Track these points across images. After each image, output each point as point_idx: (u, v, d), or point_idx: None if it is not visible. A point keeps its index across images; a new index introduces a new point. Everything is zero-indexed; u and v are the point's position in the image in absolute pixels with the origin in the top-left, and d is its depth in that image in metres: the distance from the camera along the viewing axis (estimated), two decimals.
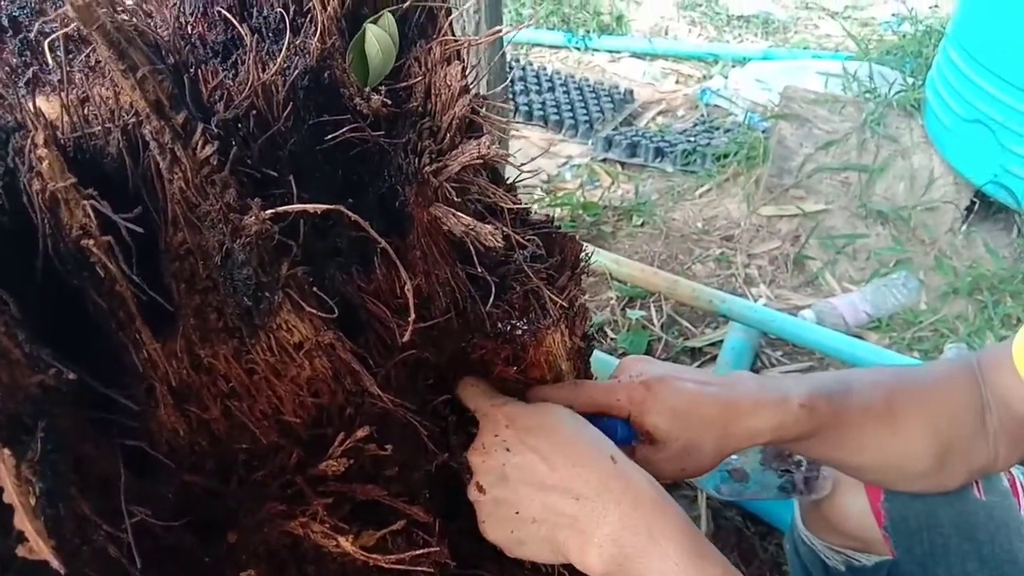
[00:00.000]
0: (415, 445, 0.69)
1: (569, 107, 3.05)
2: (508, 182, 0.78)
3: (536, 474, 0.65)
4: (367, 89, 0.57)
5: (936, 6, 4.17)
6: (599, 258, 1.98)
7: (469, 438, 0.71)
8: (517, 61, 3.51)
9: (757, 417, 0.74)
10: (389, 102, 0.56)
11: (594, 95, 3.17)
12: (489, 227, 0.59)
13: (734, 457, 0.95)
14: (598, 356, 1.54)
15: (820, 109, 2.25)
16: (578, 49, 3.72)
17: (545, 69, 3.44)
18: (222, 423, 0.58)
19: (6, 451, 0.38)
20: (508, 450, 0.66)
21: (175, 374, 0.53)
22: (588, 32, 3.75)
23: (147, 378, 0.51)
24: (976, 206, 2.11)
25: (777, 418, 0.74)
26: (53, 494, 0.42)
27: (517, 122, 2.84)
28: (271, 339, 0.57)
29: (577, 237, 0.83)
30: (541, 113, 3.03)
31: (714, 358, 1.79)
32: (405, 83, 0.61)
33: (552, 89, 3.23)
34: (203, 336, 0.54)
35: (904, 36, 3.47)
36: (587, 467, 0.64)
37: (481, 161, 0.58)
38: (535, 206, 2.38)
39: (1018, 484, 0.93)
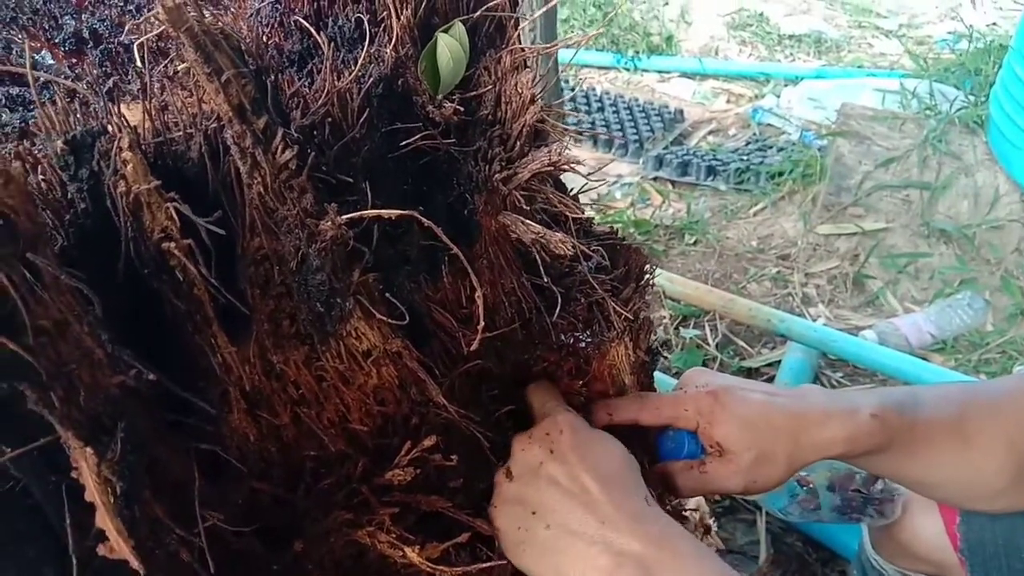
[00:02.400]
0: (479, 458, 0.68)
1: (619, 126, 3.05)
2: (572, 193, 0.77)
3: (570, 484, 0.63)
4: (439, 97, 0.57)
5: (995, 24, 4.08)
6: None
7: None
8: (567, 82, 3.52)
9: (828, 428, 0.72)
10: (462, 109, 0.56)
11: (644, 115, 3.16)
12: (559, 234, 0.59)
13: (803, 473, 0.92)
14: (659, 378, 1.52)
15: (879, 126, 2.20)
16: (627, 70, 3.72)
17: (594, 90, 3.45)
18: (291, 430, 0.58)
19: (88, 450, 0.38)
20: (551, 451, 0.64)
21: (248, 379, 0.53)
22: (637, 53, 3.75)
23: (222, 382, 0.51)
24: None
25: (848, 429, 0.71)
26: (130, 496, 0.42)
27: (574, 132, 2.85)
28: (341, 346, 0.57)
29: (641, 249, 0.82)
30: (590, 134, 3.03)
31: (771, 379, 1.75)
32: (475, 92, 0.61)
33: (602, 109, 3.23)
34: (276, 342, 0.54)
35: (962, 54, 3.39)
36: (623, 498, 0.62)
37: (552, 168, 0.57)
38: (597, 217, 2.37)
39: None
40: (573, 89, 3.40)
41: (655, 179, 2.72)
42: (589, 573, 0.58)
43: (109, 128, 0.45)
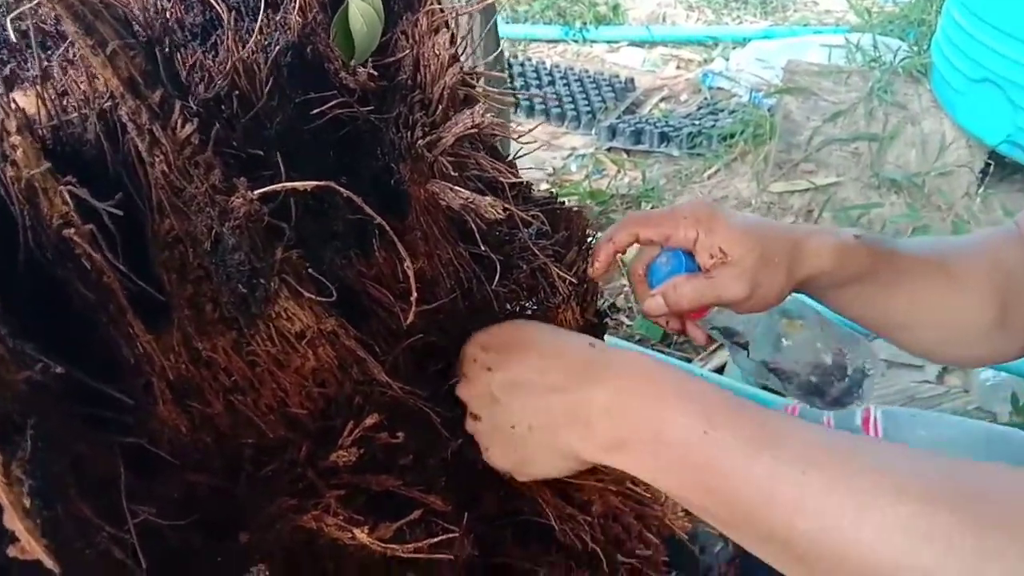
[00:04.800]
0: (428, 433, 0.67)
1: (570, 99, 3.03)
2: (511, 158, 0.76)
3: (520, 383, 0.62)
4: (353, 63, 0.55)
5: None
6: None
7: None
8: (515, 57, 3.49)
9: (820, 237, 0.72)
10: (376, 75, 0.54)
11: (595, 86, 3.14)
12: (488, 199, 0.57)
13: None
14: (614, 343, 1.52)
15: (825, 81, 2.21)
16: (575, 42, 3.69)
17: (544, 63, 3.42)
18: (226, 418, 0.56)
19: None
20: (489, 369, 0.64)
21: (173, 369, 0.51)
22: (585, 24, 3.72)
23: (143, 373, 0.50)
24: (991, 168, 2.07)
25: (837, 241, 0.72)
26: (47, 494, 0.40)
27: (511, 100, 2.82)
28: (271, 329, 0.55)
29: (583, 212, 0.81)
30: (543, 107, 3.01)
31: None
32: (393, 57, 0.59)
33: (552, 83, 3.21)
34: (199, 328, 0.52)
35: (905, 6, 3.43)
36: (565, 359, 0.62)
37: (476, 130, 0.56)
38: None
39: (872, 418, 0.92)
40: (523, 64, 3.37)
41: (609, 150, 2.71)
42: (580, 440, 0.58)
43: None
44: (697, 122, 2.71)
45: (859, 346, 0.89)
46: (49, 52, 0.55)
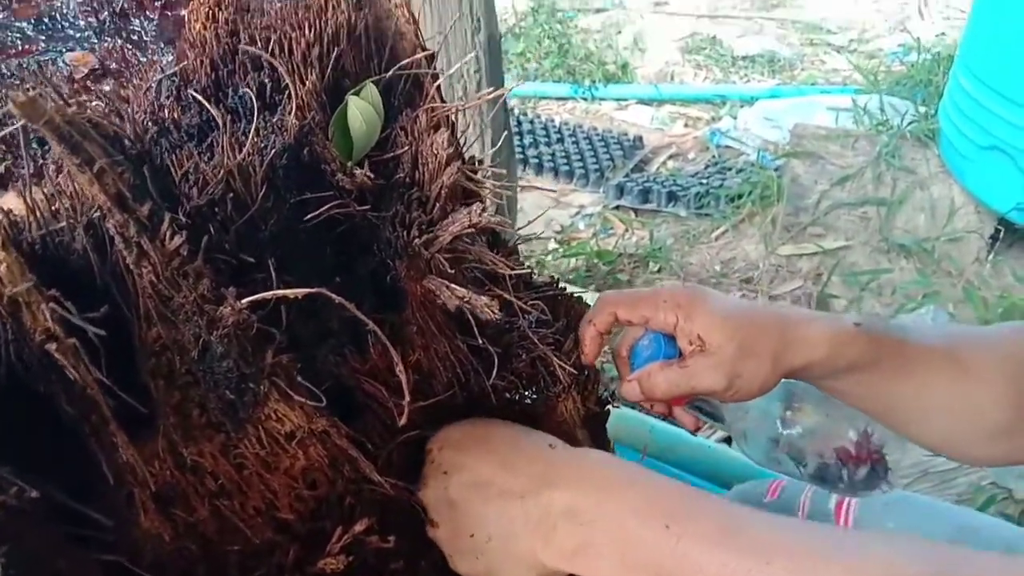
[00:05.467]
0: (420, 533, 0.65)
1: (579, 157, 3.05)
2: (515, 238, 0.75)
3: (476, 487, 0.60)
4: (350, 164, 0.55)
5: (943, 34, 4.16)
6: None
7: None
8: (524, 114, 3.53)
9: (813, 326, 0.68)
10: (372, 176, 0.54)
11: (603, 143, 3.17)
12: (485, 299, 0.56)
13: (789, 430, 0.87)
14: (627, 413, 1.49)
15: (832, 145, 2.22)
16: (584, 99, 3.73)
17: (553, 120, 3.45)
18: (212, 524, 0.54)
19: None
20: (445, 472, 0.62)
21: (158, 476, 0.50)
22: (594, 82, 3.77)
23: (125, 484, 0.48)
24: (1001, 234, 2.06)
25: (833, 329, 0.68)
26: None
27: (521, 179, 2.84)
28: (260, 431, 0.54)
29: (595, 289, 0.79)
30: (551, 164, 3.03)
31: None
32: (391, 154, 0.59)
33: (561, 140, 3.23)
34: (186, 434, 0.51)
35: (912, 66, 3.46)
36: (523, 463, 0.60)
37: (473, 230, 0.55)
38: (549, 257, 2.35)
39: (845, 503, 0.88)
40: (531, 121, 3.41)
41: (617, 208, 2.72)
42: (540, 548, 0.57)
43: None
44: (705, 181, 2.72)
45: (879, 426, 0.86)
46: (45, 148, 0.55)
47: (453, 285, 0.58)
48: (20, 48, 0.64)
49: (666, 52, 4.25)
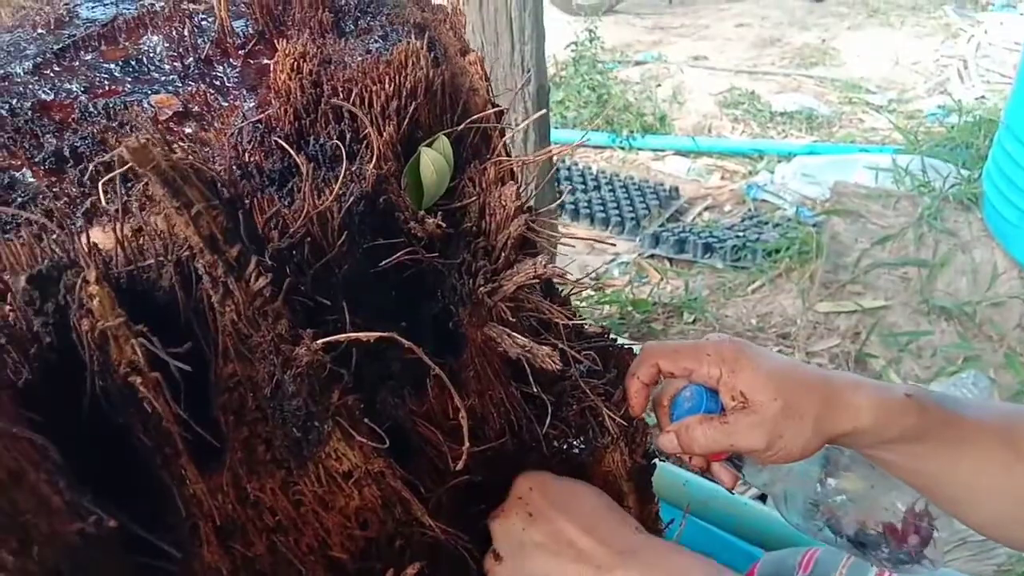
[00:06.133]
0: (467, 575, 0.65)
1: (615, 205, 3.07)
2: (562, 295, 0.76)
3: (555, 541, 0.60)
4: (421, 212, 0.56)
5: (983, 97, 4.16)
6: None
7: None
8: (562, 162, 3.57)
9: (860, 393, 0.66)
10: (444, 225, 0.55)
11: (639, 192, 3.19)
12: (546, 348, 0.57)
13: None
14: (662, 467, 1.48)
15: (873, 204, 2.21)
16: (622, 148, 3.77)
17: (590, 168, 3.49)
18: (267, 560, 0.55)
19: None
20: (530, 515, 0.62)
21: (220, 510, 0.51)
22: (632, 132, 3.81)
23: (191, 516, 0.49)
24: None
25: (881, 397, 0.66)
26: None
27: (564, 235, 2.86)
28: (320, 469, 0.55)
29: (628, 337, 0.80)
30: (588, 211, 3.06)
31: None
32: (460, 203, 0.60)
33: (598, 187, 3.26)
34: (250, 469, 0.52)
35: (952, 128, 3.45)
36: (608, 536, 0.60)
37: (537, 280, 0.56)
38: (583, 304, 2.36)
39: None
40: (569, 169, 3.44)
41: (652, 256, 2.72)
42: None
43: (77, 259, 0.44)
44: (741, 234, 2.72)
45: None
46: (130, 186, 0.57)
47: (514, 334, 0.59)
48: (107, 88, 0.67)
49: (704, 105, 4.29)
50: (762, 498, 1.58)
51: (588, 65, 4.29)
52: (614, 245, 2.75)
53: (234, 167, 0.52)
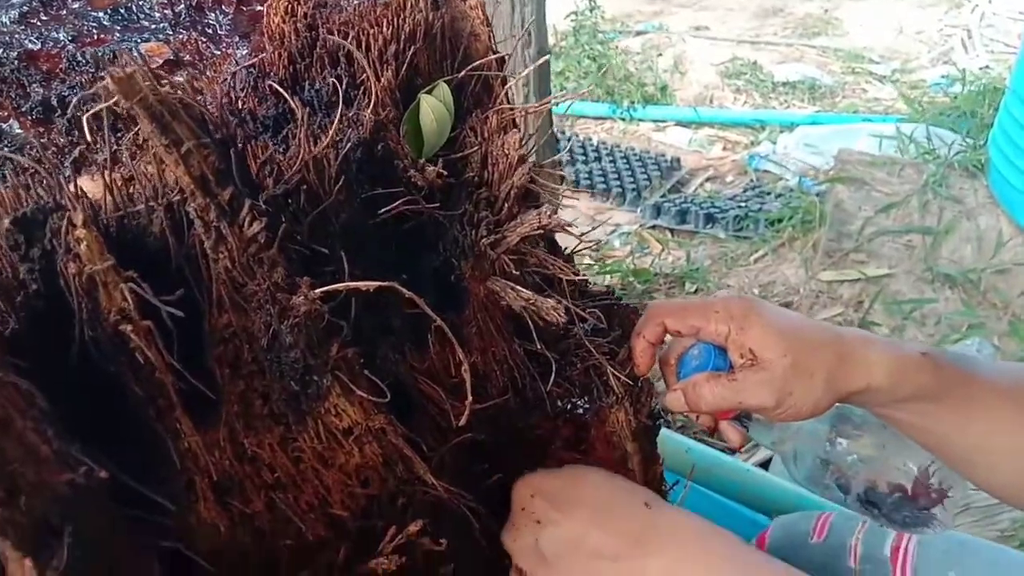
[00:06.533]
0: (469, 542, 0.64)
1: (616, 176, 3.04)
2: (566, 252, 0.74)
3: (568, 543, 0.59)
4: (421, 160, 0.54)
5: (987, 67, 4.11)
6: None
7: None
8: (563, 132, 3.53)
9: (873, 350, 0.65)
10: (445, 173, 0.54)
11: (640, 164, 3.16)
12: (551, 301, 0.55)
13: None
14: (664, 434, 1.47)
15: (877, 171, 2.19)
16: (623, 119, 3.73)
17: (591, 139, 3.45)
18: (266, 517, 0.54)
19: (28, 562, 0.34)
20: (538, 522, 0.61)
21: (217, 465, 0.49)
22: (633, 103, 3.77)
23: (187, 471, 0.48)
24: None
25: (895, 356, 0.64)
26: None
27: (567, 189, 2.84)
28: (319, 425, 0.54)
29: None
30: (588, 182, 3.03)
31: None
32: (461, 153, 0.58)
33: (598, 159, 3.23)
34: (247, 424, 0.50)
35: (956, 97, 3.41)
36: (620, 523, 0.59)
37: (542, 231, 0.54)
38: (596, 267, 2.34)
39: (902, 550, 0.83)
40: (569, 140, 3.41)
41: (653, 227, 2.70)
42: None
43: (64, 203, 0.42)
44: (743, 204, 2.70)
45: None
46: (119, 135, 0.55)
47: (518, 287, 0.57)
48: (96, 37, 0.65)
49: (706, 76, 4.24)
50: (765, 465, 1.58)
51: (588, 35, 4.23)
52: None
53: (227, 112, 0.50)
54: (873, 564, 0.81)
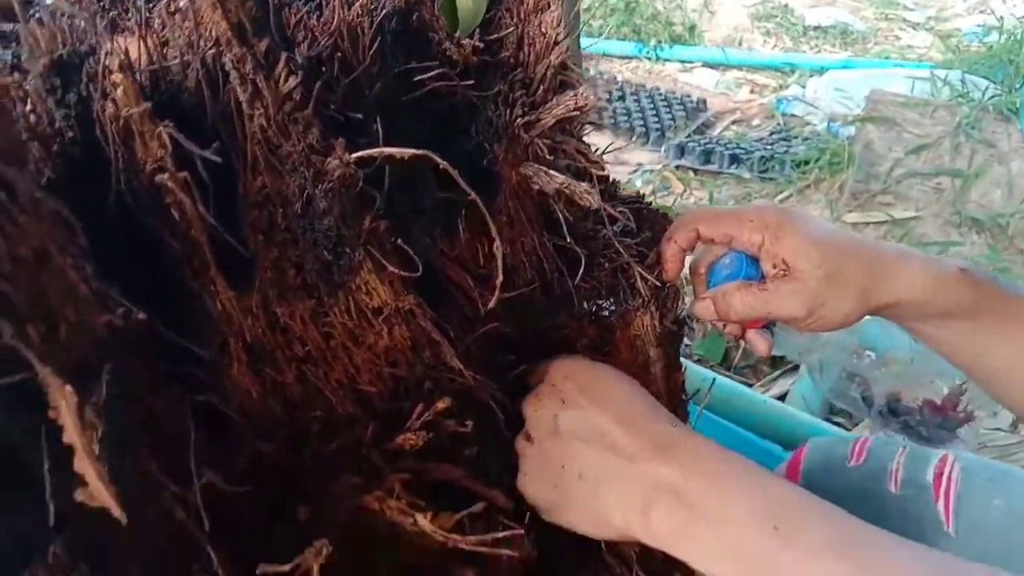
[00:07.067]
0: (493, 429, 0.65)
1: (640, 115, 3.00)
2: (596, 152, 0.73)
3: (589, 429, 0.59)
4: (457, 34, 0.53)
5: None
6: None
7: None
8: (587, 71, 3.47)
9: (910, 263, 0.64)
10: (481, 46, 0.53)
11: (666, 104, 3.11)
12: (584, 184, 0.55)
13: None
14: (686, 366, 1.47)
15: (910, 112, 2.14)
16: (649, 59, 3.66)
17: (616, 78, 3.39)
18: (297, 388, 0.54)
19: (68, 388, 0.35)
20: (563, 401, 0.61)
21: (250, 331, 0.50)
22: (660, 42, 3.69)
23: (221, 332, 0.48)
24: None
25: (933, 270, 0.64)
26: (118, 444, 0.39)
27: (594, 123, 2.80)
28: (350, 301, 0.54)
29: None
30: (611, 121, 2.99)
31: (797, 368, 1.70)
32: (496, 34, 0.57)
33: (623, 98, 3.18)
34: (280, 293, 0.51)
35: (992, 46, 3.32)
36: (644, 429, 0.59)
37: (578, 113, 0.54)
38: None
39: (945, 476, 0.82)
40: (594, 77, 3.36)
41: (677, 167, 2.67)
42: (629, 513, 0.55)
43: (100, 49, 0.42)
44: (769, 147, 2.66)
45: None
46: (151, 4, 0.54)
47: (551, 171, 0.56)
48: None
49: (735, 17, 4.14)
50: (781, 399, 1.58)
51: None
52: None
53: None
54: (915, 489, 0.80)
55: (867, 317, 0.69)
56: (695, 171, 2.63)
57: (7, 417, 0.36)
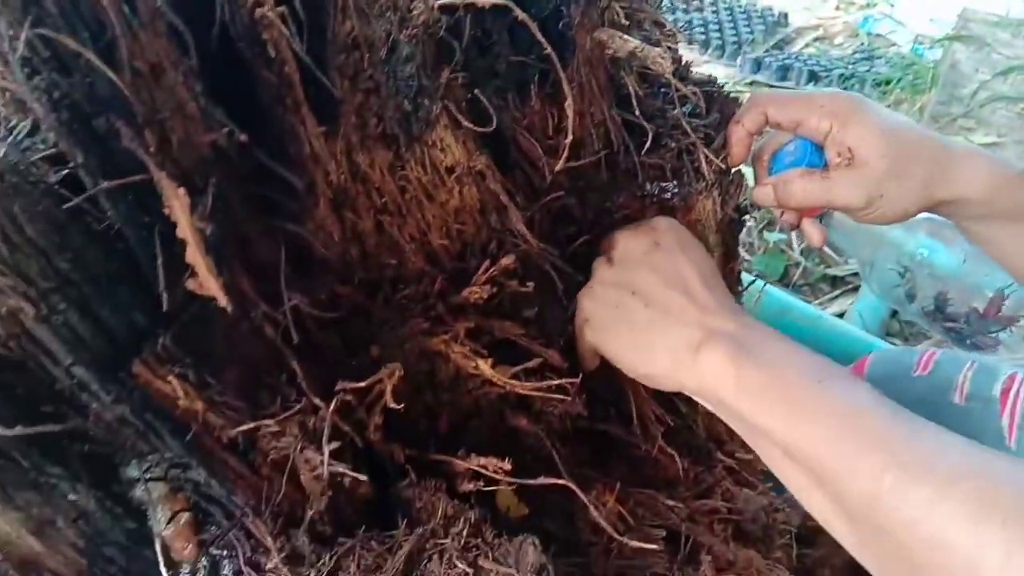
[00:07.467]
0: (554, 292, 0.68)
1: (717, 27, 2.90)
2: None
3: (673, 271, 0.61)
4: None
5: None
6: None
7: None
8: None
9: (975, 161, 0.65)
10: None
11: (745, 17, 2.99)
12: (658, 49, 0.56)
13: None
14: None
15: (1002, 32, 2.04)
16: None
17: None
18: (373, 237, 0.58)
19: (181, 189, 0.38)
20: (657, 244, 0.63)
21: (335, 174, 0.53)
22: None
23: (308, 172, 0.52)
24: None
25: (997, 169, 0.65)
26: (219, 253, 0.43)
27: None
28: (425, 156, 0.57)
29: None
30: (687, 32, 2.90)
31: (856, 288, 1.69)
32: None
33: (700, 8, 3.07)
34: (362, 140, 0.53)
35: None
36: (719, 291, 0.61)
37: None
38: None
39: (1013, 392, 0.81)
40: None
41: (752, 83, 2.60)
42: (680, 347, 0.57)
43: None
44: (851, 66, 2.55)
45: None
46: None
47: (625, 36, 0.57)
48: None
49: None
50: (839, 316, 1.58)
51: None
52: None
53: None
54: (982, 403, 0.80)
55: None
56: (771, 87, 2.55)
57: (127, 217, 0.40)
